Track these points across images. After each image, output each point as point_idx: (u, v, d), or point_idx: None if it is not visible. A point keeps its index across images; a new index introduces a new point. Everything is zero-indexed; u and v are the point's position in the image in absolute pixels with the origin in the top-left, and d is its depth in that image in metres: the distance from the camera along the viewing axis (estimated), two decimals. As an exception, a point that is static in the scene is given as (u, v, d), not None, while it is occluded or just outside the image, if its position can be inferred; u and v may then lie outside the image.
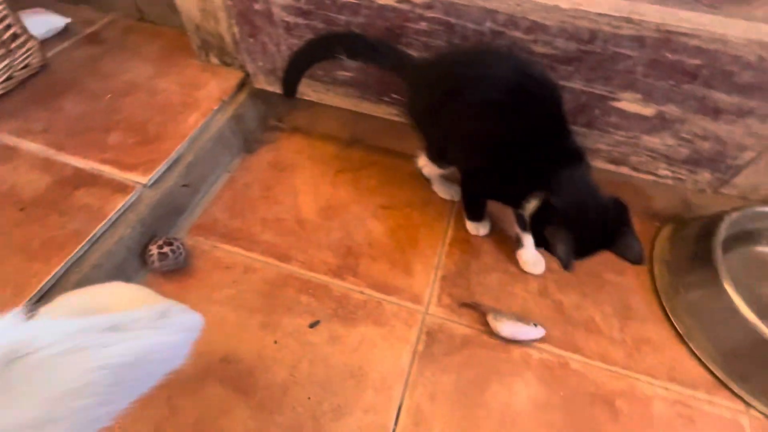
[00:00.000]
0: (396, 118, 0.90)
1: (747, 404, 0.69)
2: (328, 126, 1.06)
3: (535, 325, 0.72)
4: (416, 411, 0.65)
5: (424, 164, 0.83)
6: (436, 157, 0.78)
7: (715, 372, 0.71)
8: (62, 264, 0.65)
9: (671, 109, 0.70)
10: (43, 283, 0.63)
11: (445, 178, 0.90)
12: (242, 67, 1.00)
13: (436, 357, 0.70)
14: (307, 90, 0.93)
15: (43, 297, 0.63)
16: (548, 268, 0.82)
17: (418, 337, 0.72)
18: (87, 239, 0.68)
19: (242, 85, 0.99)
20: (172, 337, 0.39)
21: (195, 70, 1.00)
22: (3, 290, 0.62)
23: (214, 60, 1.00)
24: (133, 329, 0.35)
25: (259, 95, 1.01)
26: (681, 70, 0.64)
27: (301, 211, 0.88)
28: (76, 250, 0.67)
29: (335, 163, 0.98)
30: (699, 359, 0.73)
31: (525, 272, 0.82)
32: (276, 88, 0.95)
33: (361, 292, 0.77)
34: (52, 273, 0.64)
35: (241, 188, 0.92)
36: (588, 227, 0.59)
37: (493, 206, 0.87)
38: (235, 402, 0.64)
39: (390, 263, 0.81)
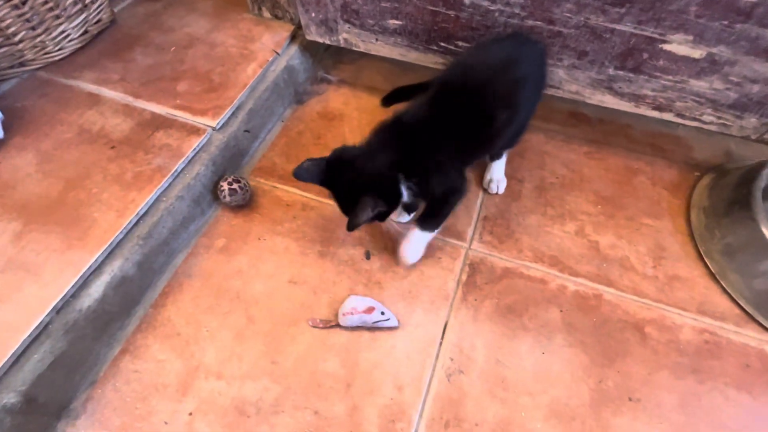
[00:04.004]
0: (439, 68, 0.93)
1: (774, 336, 0.73)
2: (371, 79, 1.10)
3: (383, 313, 0.71)
4: (460, 327, 0.73)
5: None
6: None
7: (746, 308, 0.75)
8: (153, 193, 0.75)
9: (722, 51, 0.70)
10: (139, 207, 0.73)
11: None
12: (292, 20, 1.04)
13: (478, 285, 0.77)
14: (356, 40, 0.97)
15: (140, 219, 0.74)
16: (584, 211, 0.87)
17: (462, 268, 0.79)
18: (170, 173, 0.78)
19: (293, 37, 1.04)
20: None
21: (248, 24, 1.05)
22: (108, 212, 0.72)
23: (266, 14, 1.05)
24: None
25: (308, 48, 1.06)
26: (735, 9, 0.64)
27: (351, 157, 0.94)
28: (162, 182, 0.76)
29: (380, 114, 1.02)
30: (730, 296, 0.77)
31: (562, 217, 0.86)
32: (326, 39, 0.99)
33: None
34: (146, 200, 0.74)
35: (295, 136, 0.99)
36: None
37: (529, 159, 0.90)
38: (301, 314, 0.74)
39: (434, 204, 0.87)
